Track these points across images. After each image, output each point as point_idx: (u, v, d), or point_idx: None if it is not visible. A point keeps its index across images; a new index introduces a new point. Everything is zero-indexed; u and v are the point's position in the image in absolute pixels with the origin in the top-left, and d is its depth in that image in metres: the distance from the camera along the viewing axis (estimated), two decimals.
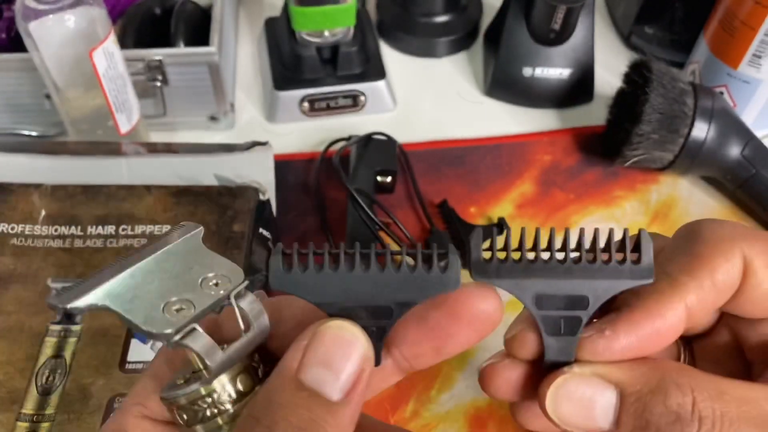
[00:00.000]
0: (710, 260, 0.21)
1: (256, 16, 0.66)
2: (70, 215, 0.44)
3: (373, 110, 0.59)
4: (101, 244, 0.43)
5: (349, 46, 0.56)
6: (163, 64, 0.51)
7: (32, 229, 0.43)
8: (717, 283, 0.21)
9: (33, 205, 0.44)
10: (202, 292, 0.20)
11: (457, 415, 0.42)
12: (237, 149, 0.48)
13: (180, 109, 0.55)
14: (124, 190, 0.45)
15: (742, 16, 0.50)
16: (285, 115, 0.57)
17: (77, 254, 0.42)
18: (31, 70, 0.48)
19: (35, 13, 0.43)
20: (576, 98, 0.60)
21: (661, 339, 0.21)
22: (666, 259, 0.22)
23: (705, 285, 0.21)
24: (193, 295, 0.19)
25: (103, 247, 0.43)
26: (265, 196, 0.45)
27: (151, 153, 0.48)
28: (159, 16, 0.57)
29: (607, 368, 0.21)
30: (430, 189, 0.53)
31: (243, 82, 0.61)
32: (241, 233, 0.43)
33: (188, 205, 0.44)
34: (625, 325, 0.21)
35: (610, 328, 0.21)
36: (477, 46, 0.65)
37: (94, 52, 0.46)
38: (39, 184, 0.45)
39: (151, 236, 0.44)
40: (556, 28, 0.56)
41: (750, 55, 0.51)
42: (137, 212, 0.44)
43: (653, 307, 0.21)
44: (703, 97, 0.50)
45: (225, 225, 0.43)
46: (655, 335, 0.21)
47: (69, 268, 0.42)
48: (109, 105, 0.49)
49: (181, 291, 0.20)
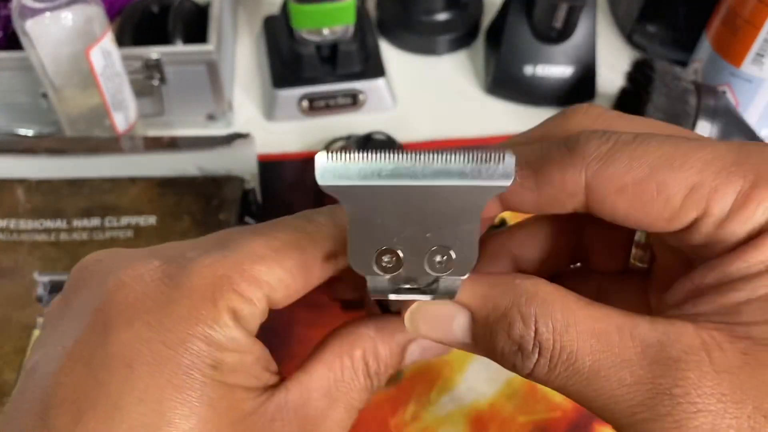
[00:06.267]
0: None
1: (254, 14, 0.66)
2: (55, 208, 0.44)
3: (373, 109, 0.58)
4: (87, 236, 0.43)
5: (348, 44, 0.56)
6: (160, 63, 0.51)
7: (17, 224, 0.43)
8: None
9: (18, 200, 0.44)
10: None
11: (457, 418, 0.41)
12: (217, 141, 0.48)
13: (178, 107, 0.55)
14: (109, 182, 0.45)
15: (745, 15, 0.50)
16: (284, 114, 0.57)
17: (63, 247, 0.43)
18: (27, 69, 0.48)
19: (32, 12, 0.43)
20: (578, 97, 0.59)
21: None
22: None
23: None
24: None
25: (89, 239, 0.43)
26: (250, 185, 0.45)
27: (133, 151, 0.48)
28: (156, 14, 0.57)
29: (462, 291, 0.21)
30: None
31: (241, 80, 0.61)
32: (227, 222, 0.44)
33: (173, 195, 0.45)
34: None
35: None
36: (478, 44, 0.65)
37: (91, 51, 0.45)
38: (23, 178, 0.45)
39: (137, 228, 0.44)
40: (557, 26, 0.56)
41: (753, 53, 0.51)
42: (122, 204, 0.44)
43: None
44: (706, 96, 0.49)
45: (211, 214, 0.44)
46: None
47: (55, 262, 0.42)
48: (106, 104, 0.48)
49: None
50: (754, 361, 0.18)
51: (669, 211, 0.19)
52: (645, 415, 0.18)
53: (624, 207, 0.19)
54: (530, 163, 0.20)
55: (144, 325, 0.20)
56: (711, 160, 0.19)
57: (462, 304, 0.21)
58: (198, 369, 0.20)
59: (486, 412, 0.42)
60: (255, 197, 0.47)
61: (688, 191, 0.19)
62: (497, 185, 0.17)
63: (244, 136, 0.49)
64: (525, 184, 0.20)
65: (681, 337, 0.19)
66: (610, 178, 0.19)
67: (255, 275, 0.21)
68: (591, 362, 0.19)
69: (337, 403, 0.23)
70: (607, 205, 0.20)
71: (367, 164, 0.17)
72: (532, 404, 0.42)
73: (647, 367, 0.18)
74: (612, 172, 0.19)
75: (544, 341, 0.19)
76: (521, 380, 0.42)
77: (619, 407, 0.19)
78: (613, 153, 0.19)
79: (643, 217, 0.19)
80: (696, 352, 0.18)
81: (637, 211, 0.19)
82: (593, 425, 0.41)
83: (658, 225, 0.19)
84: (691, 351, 0.18)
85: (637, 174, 0.19)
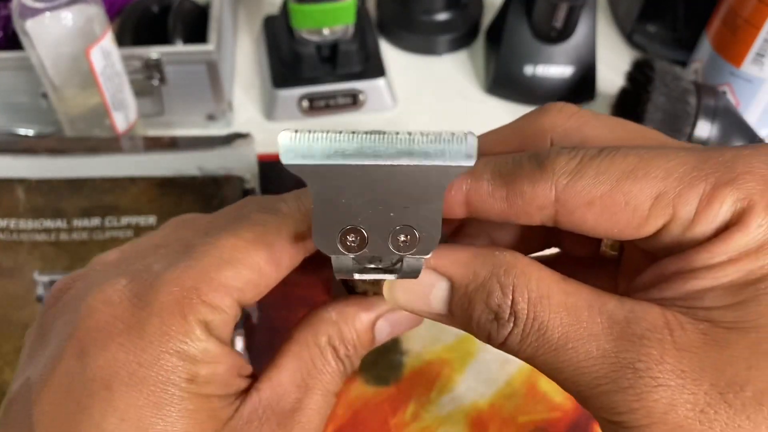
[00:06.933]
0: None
1: (254, 13, 0.66)
2: (55, 208, 0.44)
3: (373, 109, 0.58)
4: (87, 236, 0.43)
5: (348, 44, 0.56)
6: (161, 63, 0.51)
7: (17, 224, 0.43)
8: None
9: (18, 200, 0.44)
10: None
11: (457, 417, 0.41)
12: (217, 141, 0.48)
13: (178, 107, 0.55)
14: (109, 182, 0.45)
15: (745, 15, 0.50)
16: (284, 114, 0.57)
17: (63, 247, 0.43)
18: (27, 69, 0.48)
19: (32, 11, 0.43)
20: (578, 97, 0.59)
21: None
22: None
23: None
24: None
25: (88, 239, 0.43)
26: (250, 185, 0.45)
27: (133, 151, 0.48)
28: (157, 14, 0.57)
29: (442, 260, 0.21)
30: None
31: (241, 80, 0.61)
32: None
33: (173, 195, 0.45)
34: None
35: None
36: (478, 44, 0.65)
37: (91, 51, 0.45)
38: (23, 178, 0.45)
39: (136, 227, 0.44)
40: (557, 26, 0.56)
41: (753, 53, 0.51)
42: (122, 204, 0.44)
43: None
44: (706, 96, 0.49)
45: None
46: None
47: (55, 261, 0.42)
48: (106, 104, 0.48)
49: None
50: (713, 341, 0.19)
51: (637, 219, 0.20)
52: (608, 387, 0.19)
53: (593, 219, 0.20)
54: (502, 174, 0.21)
55: (118, 348, 0.20)
56: (673, 167, 0.19)
57: (442, 272, 0.22)
58: (174, 384, 0.21)
59: (486, 412, 0.42)
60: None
61: (654, 199, 0.19)
62: (460, 165, 0.17)
63: (244, 136, 0.49)
64: (495, 194, 0.21)
65: (646, 315, 0.19)
66: (579, 193, 0.20)
67: (223, 282, 0.21)
68: (560, 334, 0.20)
69: (312, 391, 0.24)
70: (577, 218, 0.20)
71: (331, 144, 0.17)
72: (532, 404, 0.42)
73: (613, 342, 0.19)
74: (580, 187, 0.20)
75: (519, 311, 0.20)
76: (521, 380, 0.42)
77: (584, 379, 0.19)
78: (580, 168, 0.20)
79: (611, 227, 0.20)
80: (659, 330, 0.19)
81: (606, 221, 0.20)
82: (593, 425, 0.41)
83: (627, 233, 0.20)
84: (655, 329, 0.19)
85: (604, 187, 0.20)
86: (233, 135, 0.49)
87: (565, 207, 0.20)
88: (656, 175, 0.19)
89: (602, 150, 0.20)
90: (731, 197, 0.19)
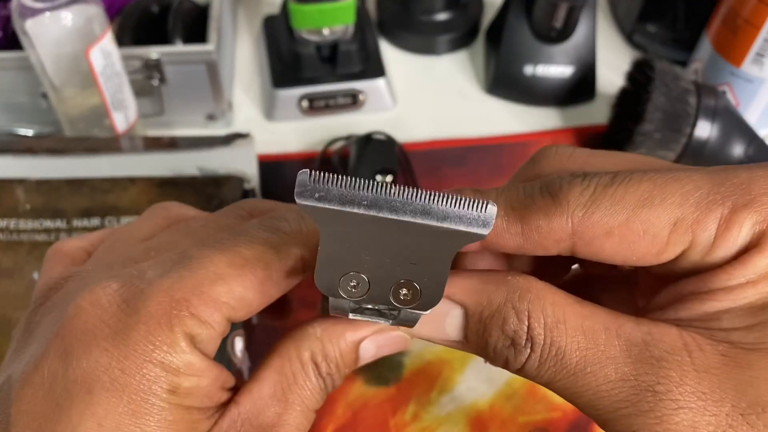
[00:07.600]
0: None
1: (254, 13, 0.66)
2: (54, 209, 0.44)
3: (373, 109, 0.58)
4: None
5: (348, 44, 0.56)
6: (160, 63, 0.51)
7: (17, 224, 0.43)
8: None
9: (18, 200, 0.44)
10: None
11: (457, 418, 0.41)
12: (217, 141, 0.48)
13: (178, 107, 0.55)
14: (108, 182, 0.45)
15: (745, 14, 0.50)
16: (284, 114, 0.57)
17: None
18: (27, 69, 0.48)
19: (32, 11, 0.43)
20: (578, 97, 0.59)
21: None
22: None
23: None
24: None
25: None
26: (250, 185, 0.45)
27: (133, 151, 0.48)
28: (156, 14, 0.57)
29: (455, 288, 0.21)
30: (431, 189, 0.53)
31: (241, 80, 0.61)
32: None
33: (173, 195, 0.45)
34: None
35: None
36: (478, 44, 0.65)
37: (91, 51, 0.45)
38: (23, 178, 0.45)
39: None
40: (557, 25, 0.56)
41: (753, 53, 0.51)
42: (122, 204, 0.44)
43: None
44: (706, 96, 0.49)
45: None
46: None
47: None
48: (106, 104, 0.48)
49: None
50: (733, 362, 0.18)
51: (657, 247, 0.20)
52: (628, 410, 0.19)
53: (611, 248, 0.20)
54: (515, 208, 0.21)
55: (102, 352, 0.20)
56: (689, 191, 0.19)
57: (455, 300, 0.21)
58: (155, 394, 0.20)
59: (486, 412, 0.42)
60: (255, 197, 0.47)
61: (673, 226, 0.19)
62: (476, 233, 0.17)
63: (244, 136, 0.49)
64: (511, 230, 0.21)
65: (664, 337, 0.19)
66: (597, 224, 0.20)
67: (214, 297, 0.21)
68: (578, 358, 0.19)
69: (292, 407, 0.23)
70: (595, 248, 0.20)
71: (349, 190, 0.17)
72: (532, 404, 0.42)
73: (631, 364, 0.19)
74: (597, 218, 0.20)
75: (536, 336, 0.20)
76: (521, 380, 0.42)
77: (604, 403, 0.19)
78: (595, 198, 0.20)
79: (630, 255, 0.20)
80: (678, 352, 0.19)
81: (625, 250, 0.20)
82: (593, 426, 0.41)
83: (646, 260, 0.20)
84: (674, 351, 0.19)
85: (621, 217, 0.19)
86: (233, 135, 0.49)
87: (583, 239, 0.20)
88: (672, 201, 0.19)
89: (615, 176, 0.20)
90: (750, 220, 0.19)
